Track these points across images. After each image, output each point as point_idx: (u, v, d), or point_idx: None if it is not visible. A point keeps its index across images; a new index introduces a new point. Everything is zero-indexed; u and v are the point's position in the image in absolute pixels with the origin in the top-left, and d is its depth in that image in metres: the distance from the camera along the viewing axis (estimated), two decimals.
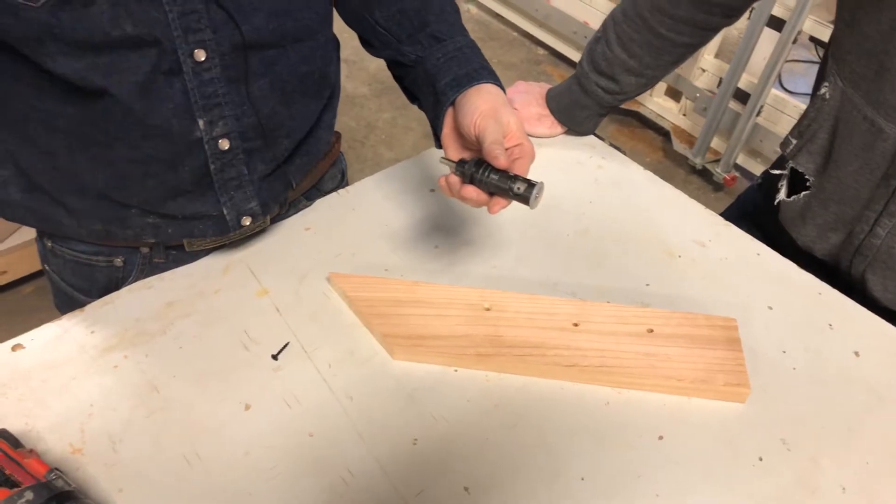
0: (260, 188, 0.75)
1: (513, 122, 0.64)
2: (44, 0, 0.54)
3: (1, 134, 0.69)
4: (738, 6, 0.82)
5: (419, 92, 0.75)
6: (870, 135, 0.70)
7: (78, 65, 0.58)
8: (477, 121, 0.64)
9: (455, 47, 0.71)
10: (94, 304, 0.75)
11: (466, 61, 0.70)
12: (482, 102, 0.65)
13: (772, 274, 0.81)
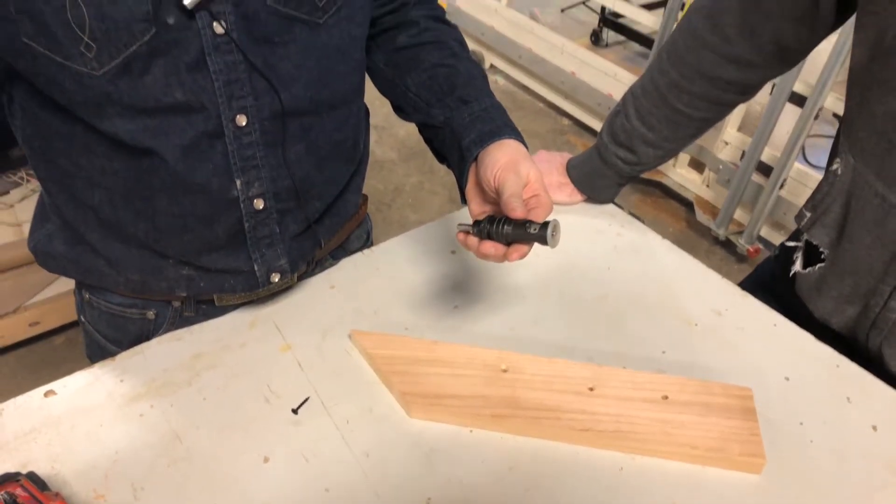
0: (290, 247, 0.78)
1: (532, 174, 0.67)
2: (105, 69, 0.59)
3: (50, 189, 0.74)
4: (752, 84, 0.86)
5: (446, 151, 0.78)
6: (881, 210, 0.71)
7: (130, 126, 0.62)
8: (497, 173, 0.67)
9: (481, 108, 0.75)
10: (125, 353, 0.78)
11: (490, 120, 0.73)
12: (502, 156, 0.69)
13: (789, 345, 0.82)
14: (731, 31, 0.80)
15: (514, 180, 0.65)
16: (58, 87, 0.60)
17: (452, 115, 0.75)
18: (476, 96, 0.76)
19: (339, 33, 0.72)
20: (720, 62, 0.82)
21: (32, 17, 0.56)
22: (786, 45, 0.79)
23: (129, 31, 0.58)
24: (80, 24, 0.56)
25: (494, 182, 0.67)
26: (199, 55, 0.62)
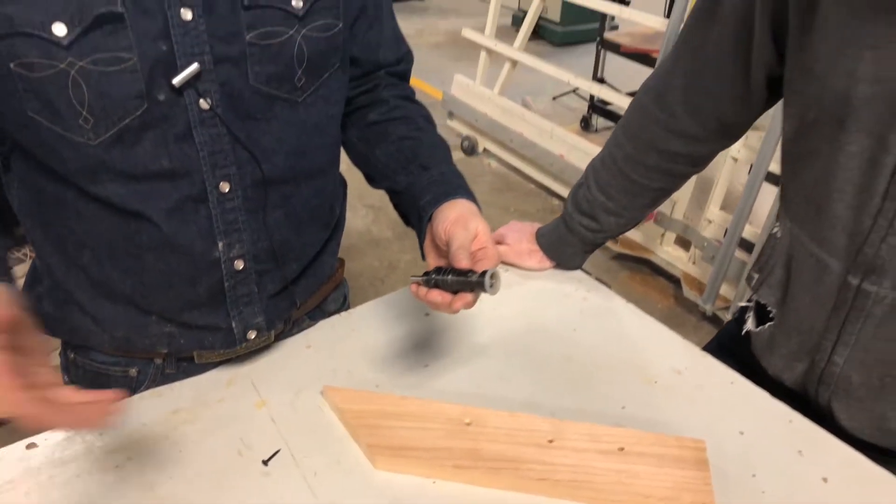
0: (267, 306, 0.83)
1: (480, 228, 0.73)
2: (100, 140, 0.66)
3: (43, 252, 0.80)
4: (701, 156, 0.93)
5: (409, 213, 0.85)
6: (817, 269, 0.76)
7: (121, 190, 0.69)
8: (447, 228, 0.74)
9: (438, 173, 0.82)
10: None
11: (445, 183, 0.80)
12: (453, 213, 0.75)
13: (744, 401, 0.85)
14: (676, 109, 0.88)
15: (461, 234, 0.70)
16: (57, 155, 0.67)
17: (413, 180, 0.82)
18: (435, 163, 0.82)
19: (316, 111, 0.79)
20: (669, 137, 0.90)
21: (38, 94, 0.64)
22: (726, 121, 0.86)
23: (123, 106, 0.65)
24: (81, 101, 0.64)
25: (445, 236, 0.73)
26: (186, 128, 0.69)
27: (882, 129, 0.66)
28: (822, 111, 0.71)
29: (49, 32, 0.61)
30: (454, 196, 0.78)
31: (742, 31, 0.78)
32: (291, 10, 0.71)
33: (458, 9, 6.02)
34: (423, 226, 0.79)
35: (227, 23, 0.68)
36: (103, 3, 0.62)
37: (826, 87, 0.70)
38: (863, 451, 0.77)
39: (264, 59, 0.71)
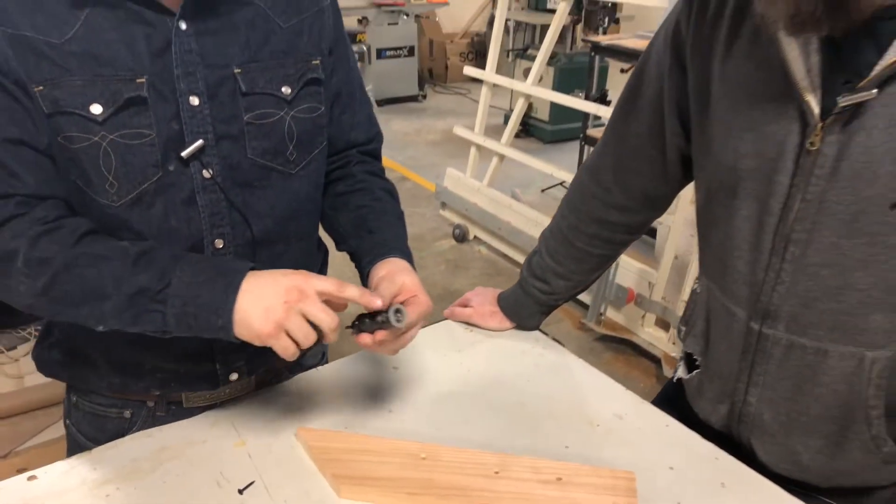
0: (249, 353, 0.94)
1: (407, 281, 0.86)
2: (122, 202, 0.79)
3: None
4: (636, 225, 1.06)
5: (360, 273, 0.97)
6: (727, 318, 0.88)
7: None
8: (376, 282, 0.86)
9: (381, 237, 0.94)
10: (101, 447, 0.91)
11: (385, 245, 0.93)
12: (383, 269, 0.88)
13: (677, 441, 0.94)
14: (609, 185, 1.02)
15: (386, 286, 0.84)
16: (88, 216, 0.81)
17: (361, 243, 0.95)
18: (380, 228, 0.95)
19: (307, 182, 0.93)
20: (605, 208, 1.03)
21: (76, 162, 0.78)
22: (651, 194, 1.00)
23: (143, 173, 0.80)
24: (109, 168, 0.78)
25: (372, 286, 0.85)
26: (191, 194, 0.83)
27: (764, 195, 0.79)
28: (720, 183, 0.85)
29: (87, 111, 0.76)
30: (388, 256, 0.91)
31: (656, 120, 0.93)
32: (281, 96, 0.87)
33: (454, 110, 6.38)
34: (364, 283, 0.92)
35: (228, 107, 0.83)
36: (132, 89, 0.78)
37: (720, 163, 0.83)
38: (785, 486, 0.86)
39: (260, 136, 0.86)
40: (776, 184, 0.77)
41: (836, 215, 0.74)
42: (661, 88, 0.91)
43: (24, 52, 0.74)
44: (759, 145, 0.79)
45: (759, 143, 0.78)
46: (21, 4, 0.75)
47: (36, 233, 0.77)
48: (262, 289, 0.75)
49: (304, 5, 0.90)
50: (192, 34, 0.81)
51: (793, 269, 0.79)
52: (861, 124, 0.70)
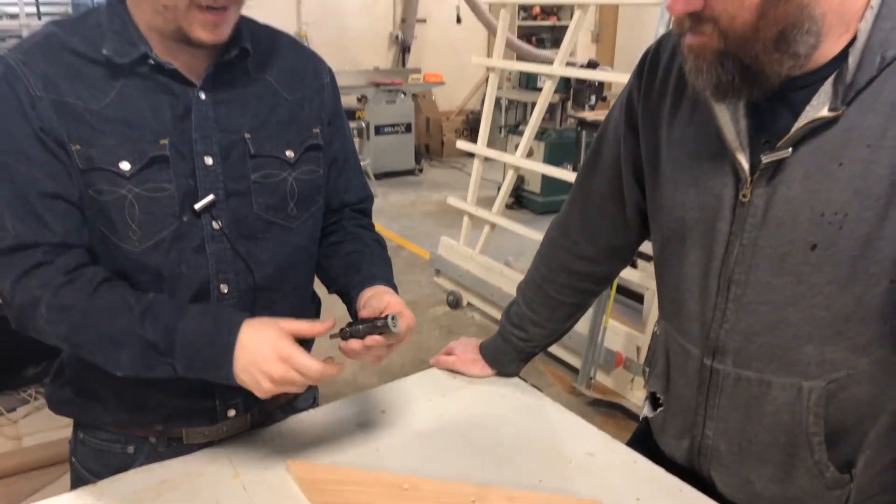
0: (246, 392, 1.01)
1: (392, 300, 0.95)
2: (143, 248, 0.90)
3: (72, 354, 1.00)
4: (602, 275, 1.15)
5: (349, 309, 1.05)
6: (683, 356, 0.96)
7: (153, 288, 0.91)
8: (363, 301, 0.96)
9: (368, 273, 1.03)
10: (106, 480, 0.97)
11: (372, 277, 1.02)
12: (369, 291, 0.98)
13: (644, 476, 1.00)
14: (577, 237, 1.12)
15: (374, 302, 0.94)
16: (111, 258, 0.91)
17: (349, 281, 1.04)
18: (366, 266, 1.05)
19: (305, 235, 1.04)
20: (573, 259, 1.13)
21: (104, 213, 0.89)
22: (615, 244, 1.10)
23: (161, 222, 0.90)
24: (132, 218, 0.89)
25: (362, 305, 0.95)
26: (201, 243, 0.93)
27: (708, 242, 0.89)
28: (671, 232, 0.95)
29: (117, 168, 0.88)
30: (373, 283, 1.00)
31: (615, 178, 1.04)
32: (285, 159, 0.99)
33: (449, 183, 6.57)
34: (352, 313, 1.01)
35: (238, 167, 0.95)
36: (156, 149, 0.89)
37: (670, 215, 0.94)
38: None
39: (265, 193, 0.97)
40: (718, 231, 0.88)
41: (767, 257, 0.84)
42: (618, 151, 1.03)
43: (66, 117, 0.86)
44: (702, 198, 0.89)
45: (702, 196, 0.89)
46: (66, 75, 0.87)
47: (59, 282, 0.86)
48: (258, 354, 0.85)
49: (307, 81, 1.03)
50: (210, 103, 0.93)
51: (735, 307, 0.88)
52: (782, 178, 0.81)
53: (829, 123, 0.77)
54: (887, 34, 0.74)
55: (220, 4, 0.85)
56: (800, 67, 0.77)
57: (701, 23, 0.76)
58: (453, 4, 7.02)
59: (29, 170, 0.86)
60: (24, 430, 2.36)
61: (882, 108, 0.75)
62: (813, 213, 0.79)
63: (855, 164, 0.76)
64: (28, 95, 0.85)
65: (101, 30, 0.90)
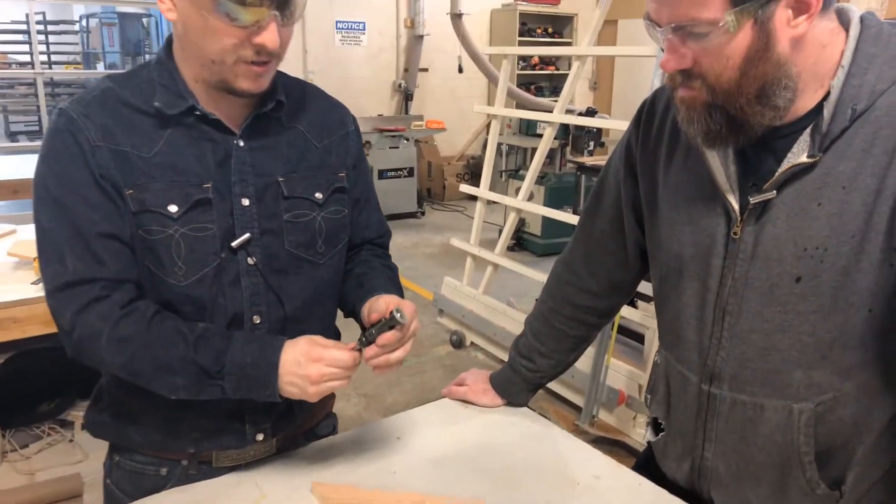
0: (273, 417, 1.08)
1: (389, 298, 1.02)
2: (187, 282, 0.98)
3: (113, 377, 1.07)
4: (605, 309, 1.23)
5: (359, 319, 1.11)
6: (682, 382, 1.03)
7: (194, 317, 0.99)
8: (370, 305, 1.03)
9: (370, 286, 1.10)
10: (141, 501, 1.03)
11: (373, 290, 1.08)
12: (374, 298, 1.04)
13: (647, 496, 1.06)
14: (580, 272, 1.20)
15: (378, 305, 1.01)
16: (157, 292, 0.99)
17: (356, 298, 1.11)
18: (368, 282, 1.12)
19: (331, 270, 1.12)
20: (577, 293, 1.21)
21: (152, 251, 0.97)
22: (616, 280, 1.19)
23: (205, 259, 0.98)
24: (178, 255, 0.97)
25: (367, 310, 1.02)
26: (237, 277, 1.01)
27: (703, 275, 0.97)
28: (669, 268, 1.03)
29: (166, 210, 0.96)
30: (379, 292, 1.07)
31: (616, 219, 1.13)
32: (315, 200, 1.08)
33: (451, 226, 6.69)
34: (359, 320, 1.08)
35: (271, 208, 1.03)
36: (200, 192, 0.98)
37: (668, 252, 1.02)
38: None
39: (296, 232, 1.05)
40: (712, 266, 0.96)
41: (757, 289, 0.92)
42: (618, 194, 1.12)
43: (122, 164, 0.95)
44: (697, 236, 0.98)
45: (697, 234, 0.98)
46: (122, 126, 0.97)
47: (117, 316, 0.94)
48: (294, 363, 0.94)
49: (334, 130, 1.12)
50: (247, 150, 1.02)
51: (730, 335, 0.95)
52: (769, 217, 0.90)
53: (809, 168, 0.86)
54: (857, 90, 0.83)
55: (263, 59, 0.94)
56: (780, 118, 0.86)
57: (691, 79, 0.86)
58: (455, 55, 7.25)
59: (88, 212, 0.94)
60: (36, 465, 2.40)
61: (854, 155, 0.84)
62: (797, 248, 0.88)
63: (832, 204, 0.85)
64: (88, 144, 0.95)
65: (151, 84, 0.99)
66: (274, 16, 0.90)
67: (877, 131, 0.83)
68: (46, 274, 0.96)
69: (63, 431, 2.51)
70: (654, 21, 0.84)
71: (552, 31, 8.20)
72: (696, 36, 0.82)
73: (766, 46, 0.81)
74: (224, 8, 0.88)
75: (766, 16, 0.79)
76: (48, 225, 0.95)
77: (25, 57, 10.20)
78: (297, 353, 0.94)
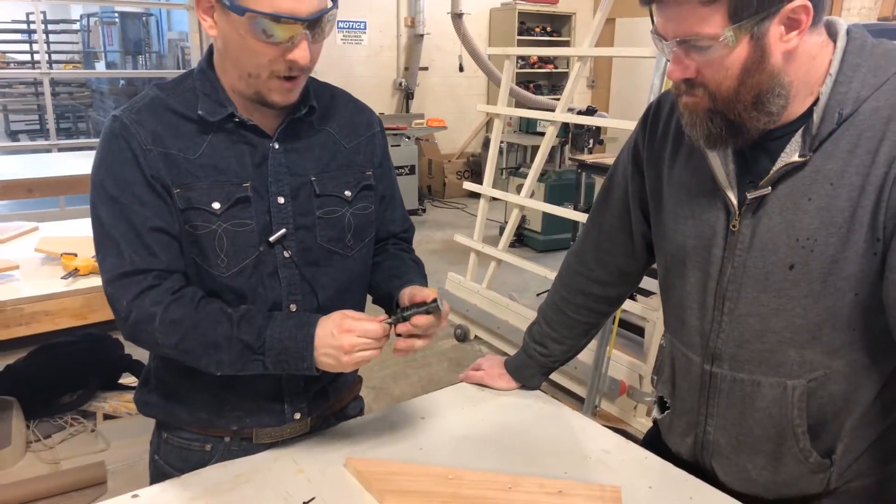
0: (309, 396, 1.17)
1: (426, 291, 1.10)
2: (229, 273, 1.06)
3: (161, 360, 1.15)
4: (614, 297, 1.32)
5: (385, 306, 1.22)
6: (686, 363, 1.12)
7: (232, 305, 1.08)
8: (405, 293, 1.12)
9: (407, 279, 1.19)
10: (188, 474, 1.12)
11: (410, 281, 1.17)
12: (408, 288, 1.14)
13: (654, 469, 1.16)
14: (590, 263, 1.30)
15: (416, 292, 1.10)
16: (201, 282, 1.07)
17: (390, 285, 1.20)
18: (404, 274, 1.21)
19: (360, 262, 1.21)
20: (588, 282, 1.30)
21: (197, 244, 1.06)
22: (624, 270, 1.28)
23: (245, 252, 1.07)
24: (221, 248, 1.06)
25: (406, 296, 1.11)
26: (274, 269, 1.10)
27: (705, 265, 1.07)
28: (673, 258, 1.12)
29: (210, 207, 1.05)
30: (410, 283, 1.16)
31: (624, 212, 1.22)
32: (344, 197, 1.16)
33: (452, 222, 6.79)
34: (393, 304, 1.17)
35: (305, 205, 1.12)
36: (241, 191, 1.06)
37: (672, 243, 1.11)
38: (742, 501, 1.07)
39: (327, 227, 1.14)
40: (713, 256, 1.05)
41: (753, 276, 1.01)
42: (626, 190, 1.21)
43: (170, 166, 1.04)
44: (699, 229, 1.07)
45: (699, 227, 1.07)
46: (170, 132, 1.05)
47: (168, 301, 1.03)
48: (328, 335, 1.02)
49: (361, 131, 1.21)
50: (282, 152, 1.11)
51: (729, 319, 1.05)
52: (764, 211, 0.99)
53: (800, 167, 0.95)
54: (843, 96, 0.92)
55: (294, 74, 1.03)
56: (774, 123, 0.96)
57: (694, 87, 0.95)
58: (454, 53, 7.33)
59: (141, 209, 1.03)
60: (60, 454, 2.48)
61: (840, 155, 0.93)
62: (789, 239, 0.97)
63: (821, 199, 0.94)
64: (141, 149, 1.04)
65: (195, 92, 1.08)
66: (305, 34, 0.99)
67: (861, 133, 0.92)
68: (105, 265, 1.05)
69: (85, 422, 2.59)
70: (660, 35, 0.93)
71: (551, 30, 8.29)
72: (698, 49, 0.90)
73: (762, 59, 0.90)
74: (260, 26, 0.96)
75: (761, 32, 0.88)
76: (107, 221, 1.04)
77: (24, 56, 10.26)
78: (331, 325, 1.02)
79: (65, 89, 9.95)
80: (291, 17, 0.96)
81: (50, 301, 1.95)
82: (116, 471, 2.40)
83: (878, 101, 0.91)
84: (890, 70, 0.92)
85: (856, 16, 6.78)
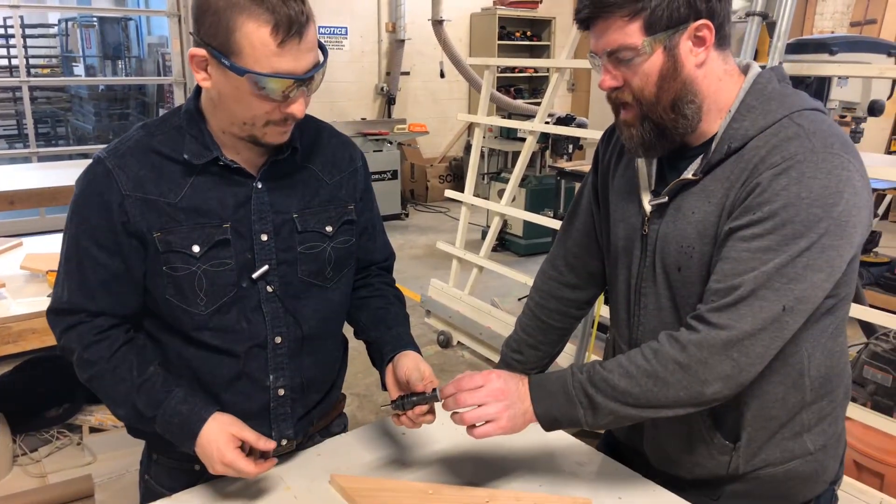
0: (296, 422, 1.22)
1: (426, 370, 1.15)
2: (208, 311, 1.11)
3: None
4: (585, 300, 1.41)
5: (375, 358, 1.27)
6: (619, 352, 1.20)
7: (216, 341, 1.13)
8: (405, 371, 1.15)
9: (397, 332, 1.25)
10: (180, 493, 1.17)
11: (401, 340, 1.23)
12: (408, 360, 1.18)
13: (622, 480, 1.22)
14: (562, 268, 1.39)
15: (415, 374, 1.14)
16: (178, 320, 1.12)
17: (380, 335, 1.25)
18: (395, 325, 1.26)
19: (339, 293, 1.25)
20: (560, 287, 1.39)
21: (176, 286, 1.10)
22: (593, 272, 1.36)
23: (224, 289, 1.11)
24: (200, 288, 1.10)
25: (405, 375, 1.15)
26: (258, 304, 1.15)
27: (628, 263, 1.19)
28: (611, 259, 1.25)
29: (190, 250, 1.09)
30: (406, 349, 1.21)
31: (589, 220, 1.33)
32: (325, 233, 1.20)
33: (434, 227, 6.84)
34: (384, 367, 1.21)
35: (287, 241, 1.16)
36: (220, 233, 1.11)
37: (610, 243, 1.24)
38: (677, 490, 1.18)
39: (308, 261, 1.19)
40: (633, 256, 1.18)
41: (656, 276, 1.14)
42: (590, 198, 1.32)
43: (151, 210, 1.08)
44: (626, 231, 1.19)
45: (626, 229, 1.19)
46: (153, 175, 1.09)
47: (88, 341, 1.12)
48: (211, 443, 1.09)
49: (344, 166, 1.25)
50: (265, 191, 1.14)
51: (644, 313, 1.17)
52: (664, 219, 1.12)
53: (693, 183, 1.09)
54: (735, 132, 1.05)
55: (290, 123, 1.07)
56: (692, 129, 1.08)
57: (623, 93, 1.07)
58: (435, 58, 7.39)
59: (97, 253, 1.09)
60: (47, 468, 2.50)
61: (722, 180, 1.05)
62: (677, 244, 1.10)
63: (700, 213, 1.07)
64: (119, 195, 1.07)
65: (181, 132, 1.11)
66: (302, 90, 1.03)
67: (741, 166, 1.04)
68: (53, 292, 1.16)
69: (71, 435, 2.61)
70: (594, 52, 1.07)
71: (531, 35, 8.37)
72: (623, 61, 1.04)
73: (675, 68, 1.03)
74: (259, 84, 0.99)
75: (672, 44, 1.02)
76: (65, 254, 1.12)
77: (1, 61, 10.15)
78: (215, 449, 1.08)
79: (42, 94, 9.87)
80: (290, 77, 1.00)
81: (37, 319, 1.98)
82: (103, 483, 2.43)
83: (760, 141, 1.03)
84: (778, 115, 1.04)
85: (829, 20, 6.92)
